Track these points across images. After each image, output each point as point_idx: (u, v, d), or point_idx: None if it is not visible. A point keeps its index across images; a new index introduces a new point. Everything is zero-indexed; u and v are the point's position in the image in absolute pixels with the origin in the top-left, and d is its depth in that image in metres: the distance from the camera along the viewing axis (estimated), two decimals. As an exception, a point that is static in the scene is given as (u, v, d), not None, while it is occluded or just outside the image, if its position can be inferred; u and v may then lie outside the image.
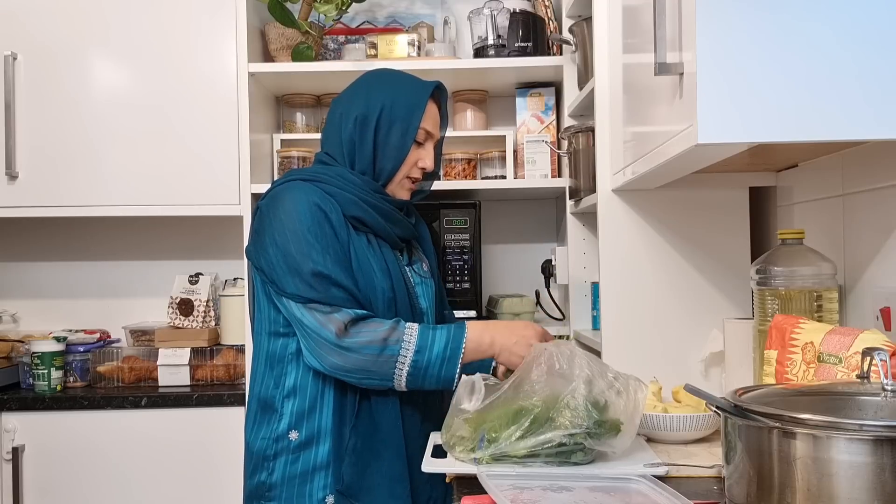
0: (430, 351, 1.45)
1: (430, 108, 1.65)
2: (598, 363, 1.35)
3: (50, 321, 2.72)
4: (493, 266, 2.77)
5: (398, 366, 1.44)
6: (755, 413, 0.95)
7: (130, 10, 2.39)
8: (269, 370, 1.56)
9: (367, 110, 1.59)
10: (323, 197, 1.52)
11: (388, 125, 1.59)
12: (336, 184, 1.55)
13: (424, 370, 1.45)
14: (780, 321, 1.36)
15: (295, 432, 1.52)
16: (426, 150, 1.65)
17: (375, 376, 1.46)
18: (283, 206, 1.51)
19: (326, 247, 1.48)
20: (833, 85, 1.08)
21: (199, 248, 2.76)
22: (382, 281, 1.54)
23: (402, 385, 1.47)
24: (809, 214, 1.65)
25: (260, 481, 1.54)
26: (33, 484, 2.27)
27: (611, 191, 1.82)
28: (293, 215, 1.49)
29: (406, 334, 1.46)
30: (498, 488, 1.14)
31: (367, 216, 1.56)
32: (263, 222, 1.53)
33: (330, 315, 1.45)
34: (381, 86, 1.63)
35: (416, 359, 1.44)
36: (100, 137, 2.39)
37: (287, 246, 1.48)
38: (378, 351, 1.44)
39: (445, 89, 1.71)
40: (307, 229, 1.48)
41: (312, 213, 1.49)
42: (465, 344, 1.47)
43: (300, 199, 1.51)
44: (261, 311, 1.57)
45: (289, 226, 1.49)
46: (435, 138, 1.68)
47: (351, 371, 1.45)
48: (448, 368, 1.45)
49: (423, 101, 1.62)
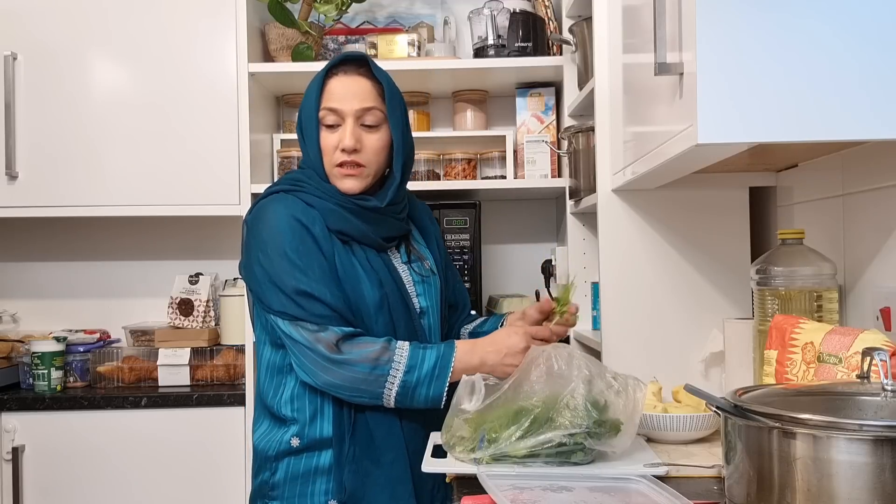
0: (420, 370, 1.45)
1: (332, 84, 1.54)
2: (596, 364, 1.35)
3: (50, 321, 2.72)
4: (493, 266, 2.77)
5: (387, 385, 1.44)
6: (755, 413, 0.95)
7: (130, 11, 2.39)
8: (270, 379, 1.57)
9: (299, 114, 1.59)
10: (304, 209, 1.51)
11: (302, 123, 1.57)
12: (316, 193, 1.54)
13: (413, 389, 1.45)
14: (780, 321, 1.36)
15: (296, 439, 1.52)
16: (342, 130, 1.52)
17: (365, 394, 1.46)
18: (265, 223, 1.51)
19: (309, 264, 1.48)
20: (833, 85, 1.08)
21: (199, 248, 2.76)
22: (370, 286, 1.53)
23: (391, 402, 1.46)
24: (809, 214, 1.65)
25: (263, 480, 1.54)
26: (33, 484, 2.28)
27: (611, 191, 1.82)
28: (274, 233, 1.48)
29: (397, 353, 1.46)
30: (498, 488, 1.14)
31: (347, 226, 1.53)
32: (249, 241, 1.54)
33: (317, 333, 1.45)
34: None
35: (405, 378, 1.45)
36: (100, 137, 2.39)
37: (270, 265, 1.48)
38: (369, 369, 1.44)
39: (361, 55, 1.58)
40: (288, 247, 1.47)
41: (293, 229, 1.48)
42: (453, 363, 1.46)
43: (281, 214, 1.50)
44: (260, 320, 1.58)
45: (270, 244, 1.48)
46: (348, 112, 1.52)
47: (341, 387, 1.46)
48: (437, 387, 1.45)
49: (318, 83, 1.54)
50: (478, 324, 1.78)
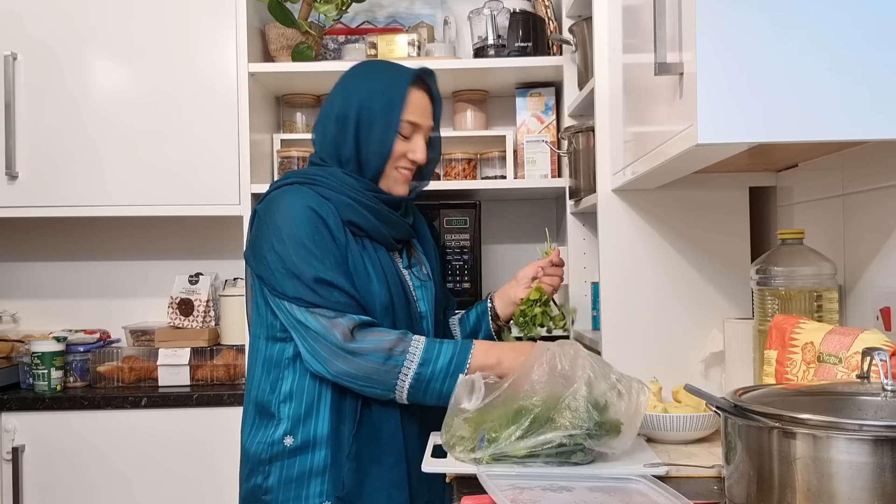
0: (435, 364, 1.44)
1: (414, 97, 1.58)
2: (602, 364, 1.34)
3: (50, 321, 2.72)
4: (493, 266, 2.77)
5: (401, 376, 1.44)
6: (755, 413, 0.95)
7: (130, 10, 2.39)
8: (265, 374, 1.55)
9: (345, 109, 1.56)
10: (319, 201, 1.51)
11: (368, 123, 1.55)
12: (331, 185, 1.54)
13: (427, 383, 1.44)
14: (780, 321, 1.36)
15: (290, 437, 1.51)
16: (415, 142, 1.59)
17: (378, 385, 1.45)
18: (279, 211, 1.50)
19: (325, 252, 1.47)
20: (833, 85, 1.07)
21: (199, 248, 2.76)
22: (379, 286, 1.53)
23: (403, 397, 1.46)
24: (809, 214, 1.65)
25: (256, 485, 1.53)
26: (33, 484, 2.27)
27: (611, 191, 1.82)
28: (290, 221, 1.48)
29: (412, 346, 1.45)
30: (498, 488, 1.14)
31: (362, 220, 1.54)
32: (261, 228, 1.52)
33: (334, 320, 1.44)
34: (358, 82, 1.60)
35: (419, 371, 1.44)
36: (100, 137, 2.39)
37: (286, 252, 1.47)
38: (383, 359, 1.43)
39: (431, 72, 1.63)
40: (305, 235, 1.47)
41: (309, 218, 1.48)
42: (470, 360, 1.46)
43: (296, 203, 1.50)
44: (259, 315, 1.57)
45: (286, 232, 1.47)
46: (423, 127, 1.60)
47: (355, 377, 1.44)
48: (451, 383, 1.43)
49: (401, 93, 1.56)
50: (462, 314, 1.82)
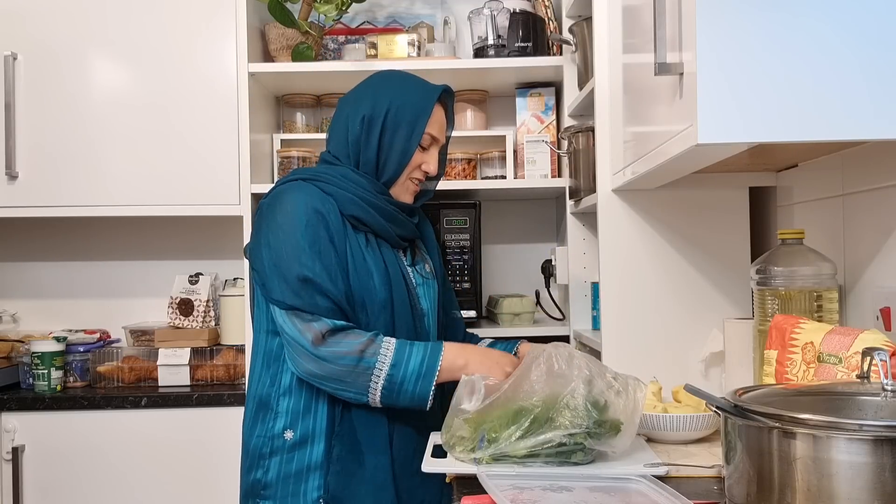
0: (406, 366, 1.45)
1: (437, 112, 1.62)
2: (596, 364, 1.35)
3: (50, 321, 2.72)
4: (493, 266, 2.77)
5: (374, 378, 1.44)
6: (755, 413, 0.95)
7: (130, 11, 2.39)
8: (266, 368, 1.56)
9: (373, 112, 1.57)
10: (322, 198, 1.52)
11: (394, 128, 1.58)
12: (336, 183, 1.55)
13: (399, 385, 1.44)
14: (780, 321, 1.36)
15: (290, 431, 1.52)
16: (430, 154, 1.63)
17: (351, 388, 1.45)
18: (281, 207, 1.52)
19: (319, 252, 1.48)
20: (833, 85, 1.08)
21: (199, 248, 2.76)
22: (379, 281, 1.53)
23: (376, 400, 1.46)
24: (809, 214, 1.65)
25: (255, 479, 1.54)
26: (33, 484, 2.27)
27: (611, 191, 1.82)
28: (289, 217, 1.49)
29: (383, 348, 1.45)
30: (498, 488, 1.14)
31: (364, 215, 1.55)
32: (262, 222, 1.54)
33: (309, 323, 1.45)
34: (388, 88, 1.62)
35: (391, 373, 1.44)
36: (100, 137, 2.39)
37: (279, 248, 1.48)
38: (354, 362, 1.44)
39: (453, 93, 1.69)
40: (301, 233, 1.48)
41: (309, 216, 1.49)
42: (441, 363, 1.46)
43: (299, 200, 1.51)
44: (259, 309, 1.58)
45: (284, 228, 1.49)
46: (440, 143, 1.66)
47: (325, 379, 1.46)
48: (423, 386, 1.44)
49: (429, 105, 1.60)
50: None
